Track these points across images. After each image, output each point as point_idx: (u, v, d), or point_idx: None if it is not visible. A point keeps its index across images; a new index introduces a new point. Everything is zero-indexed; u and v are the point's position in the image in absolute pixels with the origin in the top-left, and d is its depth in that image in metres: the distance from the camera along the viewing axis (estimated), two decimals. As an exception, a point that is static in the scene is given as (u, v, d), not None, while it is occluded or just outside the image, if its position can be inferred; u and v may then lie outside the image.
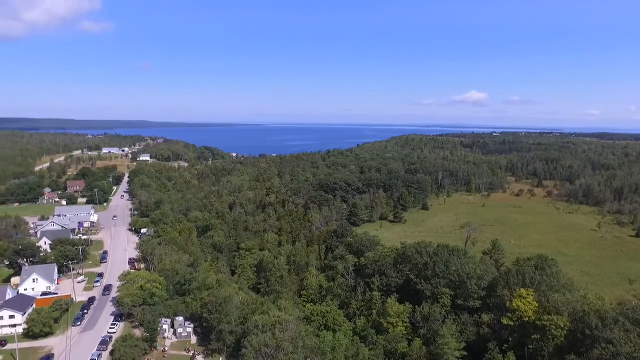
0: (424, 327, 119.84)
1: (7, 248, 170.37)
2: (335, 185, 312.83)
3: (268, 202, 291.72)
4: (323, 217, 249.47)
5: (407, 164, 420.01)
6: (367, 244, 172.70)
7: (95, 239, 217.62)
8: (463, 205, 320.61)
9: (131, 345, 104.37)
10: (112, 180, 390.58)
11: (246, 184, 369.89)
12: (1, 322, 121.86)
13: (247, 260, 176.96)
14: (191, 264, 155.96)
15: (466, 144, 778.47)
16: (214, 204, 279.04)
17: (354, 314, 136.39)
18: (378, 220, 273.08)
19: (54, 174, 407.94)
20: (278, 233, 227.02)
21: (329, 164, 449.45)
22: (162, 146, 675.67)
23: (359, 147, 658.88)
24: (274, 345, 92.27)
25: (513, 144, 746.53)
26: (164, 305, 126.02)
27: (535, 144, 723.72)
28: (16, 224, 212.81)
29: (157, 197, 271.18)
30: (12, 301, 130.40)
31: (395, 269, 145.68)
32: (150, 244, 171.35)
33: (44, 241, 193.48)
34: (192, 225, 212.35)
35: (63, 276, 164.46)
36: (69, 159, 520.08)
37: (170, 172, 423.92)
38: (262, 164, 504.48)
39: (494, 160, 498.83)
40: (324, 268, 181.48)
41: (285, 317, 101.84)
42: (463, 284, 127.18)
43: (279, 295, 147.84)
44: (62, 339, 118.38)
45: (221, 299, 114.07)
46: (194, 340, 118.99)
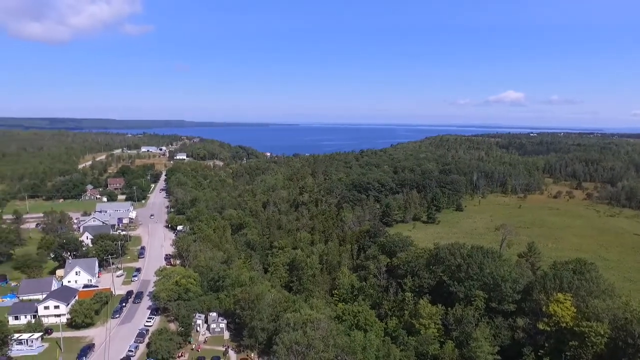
0: (457, 329, 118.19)
1: (53, 242, 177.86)
2: (369, 185, 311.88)
3: (301, 201, 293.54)
4: (356, 217, 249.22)
5: (442, 165, 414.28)
6: (399, 245, 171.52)
7: (134, 235, 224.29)
8: (498, 207, 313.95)
9: (166, 339, 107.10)
10: (150, 178, 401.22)
11: (280, 183, 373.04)
12: (47, 311, 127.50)
13: (279, 258, 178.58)
14: (225, 261, 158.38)
15: (502, 144, 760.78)
16: (248, 202, 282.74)
17: (385, 314, 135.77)
18: (411, 221, 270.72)
19: (96, 171, 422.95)
20: (311, 232, 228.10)
21: (362, 164, 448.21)
22: (198, 145, 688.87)
23: (392, 148, 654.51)
24: (305, 344, 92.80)
25: (551, 144, 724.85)
26: (198, 301, 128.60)
27: (575, 144, 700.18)
28: (61, 219, 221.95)
29: (193, 195, 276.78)
30: (57, 292, 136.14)
31: (428, 270, 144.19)
32: (185, 240, 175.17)
33: (86, 236, 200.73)
34: (226, 223, 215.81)
35: (103, 270, 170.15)
36: (110, 158, 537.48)
37: (205, 170, 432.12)
38: (295, 163, 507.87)
39: (531, 162, 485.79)
40: (356, 268, 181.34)
41: (316, 316, 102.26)
42: (497, 287, 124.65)
43: (310, 294, 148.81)
44: (102, 330, 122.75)
45: (254, 296, 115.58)
46: (227, 336, 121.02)
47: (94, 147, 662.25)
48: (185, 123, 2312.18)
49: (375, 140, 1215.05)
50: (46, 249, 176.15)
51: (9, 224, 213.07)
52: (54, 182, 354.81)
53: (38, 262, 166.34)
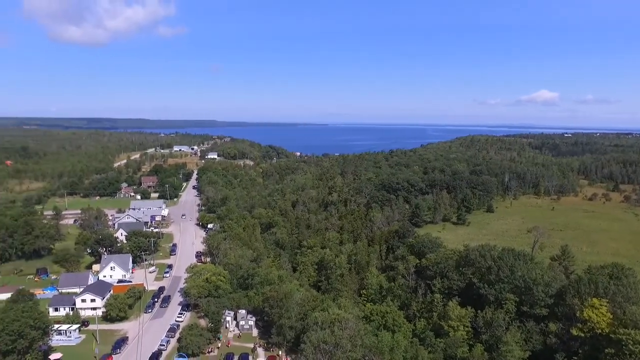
0: (487, 333, 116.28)
1: (89, 237, 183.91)
2: (398, 185, 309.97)
3: (330, 201, 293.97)
4: (385, 217, 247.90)
5: (472, 165, 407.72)
6: (429, 246, 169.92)
7: (166, 232, 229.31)
8: (530, 209, 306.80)
9: (197, 335, 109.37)
10: (182, 177, 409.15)
11: (309, 182, 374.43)
12: (84, 304, 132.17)
13: (308, 257, 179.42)
14: (254, 260, 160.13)
15: (535, 145, 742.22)
16: (277, 201, 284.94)
17: (414, 315, 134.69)
18: (441, 222, 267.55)
19: (130, 170, 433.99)
20: (339, 232, 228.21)
21: (391, 164, 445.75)
22: (229, 145, 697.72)
23: (422, 148, 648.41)
24: (332, 343, 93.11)
25: (586, 145, 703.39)
26: (228, 298, 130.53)
27: (611, 145, 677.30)
28: (97, 215, 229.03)
29: (224, 193, 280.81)
30: (93, 286, 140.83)
31: (458, 272, 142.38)
32: (216, 238, 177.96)
33: (120, 232, 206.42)
34: (256, 222, 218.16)
35: (136, 266, 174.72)
36: (144, 157, 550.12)
37: (236, 170, 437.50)
38: (325, 163, 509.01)
39: (565, 163, 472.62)
40: (385, 268, 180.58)
41: (344, 316, 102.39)
42: (529, 291, 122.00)
43: (339, 294, 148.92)
44: (135, 324, 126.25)
45: (282, 294, 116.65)
46: (255, 334, 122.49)
47: (128, 147, 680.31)
48: (216, 123, 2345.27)
49: (405, 140, 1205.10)
50: (83, 244, 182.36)
51: (50, 220, 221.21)
52: (91, 180, 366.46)
53: (76, 257, 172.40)
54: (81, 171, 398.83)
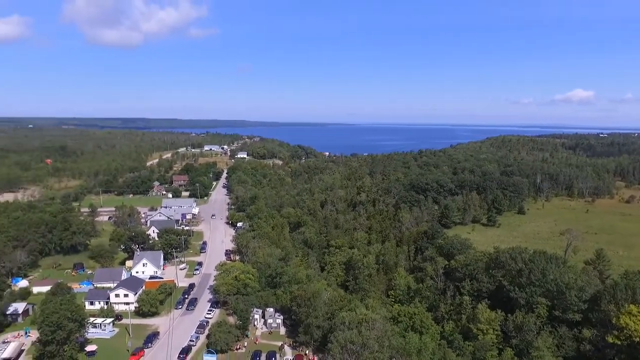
0: (517, 337, 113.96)
1: (123, 234, 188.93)
2: (427, 185, 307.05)
3: (359, 200, 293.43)
4: (413, 218, 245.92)
5: (503, 166, 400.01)
6: (458, 247, 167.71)
7: (196, 230, 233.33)
8: (564, 211, 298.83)
9: (225, 331, 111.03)
10: (212, 176, 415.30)
11: (338, 182, 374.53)
12: (118, 299, 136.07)
13: (336, 257, 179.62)
14: (283, 258, 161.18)
15: (569, 145, 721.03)
16: (306, 201, 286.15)
17: (442, 317, 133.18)
18: (470, 223, 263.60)
19: (162, 169, 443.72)
20: (368, 232, 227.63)
21: (420, 164, 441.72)
22: (259, 144, 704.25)
23: (452, 148, 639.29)
24: (359, 343, 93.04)
25: (624, 145, 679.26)
26: (256, 296, 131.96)
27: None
28: (130, 213, 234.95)
29: (253, 193, 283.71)
30: (126, 282, 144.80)
31: (487, 274, 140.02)
32: (245, 237, 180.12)
33: (152, 230, 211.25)
34: (284, 221, 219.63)
35: (168, 263, 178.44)
36: (175, 156, 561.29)
37: (265, 169, 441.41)
38: (353, 163, 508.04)
39: (601, 164, 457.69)
40: (413, 269, 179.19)
41: (372, 316, 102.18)
42: (562, 295, 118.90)
43: (366, 294, 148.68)
44: (166, 319, 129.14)
45: (310, 293, 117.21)
46: (283, 332, 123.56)
47: (160, 146, 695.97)
48: (246, 123, 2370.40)
49: (434, 140, 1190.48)
50: (117, 240, 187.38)
51: (86, 217, 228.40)
52: (125, 178, 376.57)
53: (110, 253, 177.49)
54: (115, 170, 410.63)
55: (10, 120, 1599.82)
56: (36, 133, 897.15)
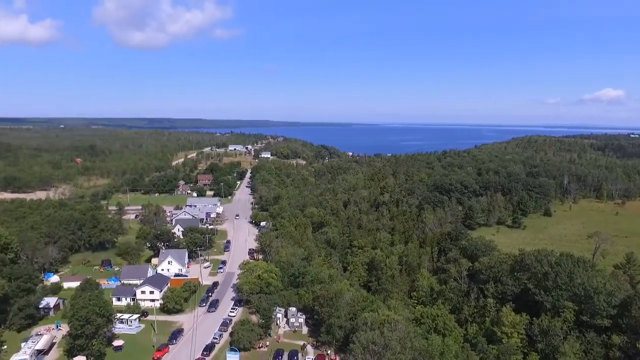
0: (543, 341, 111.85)
1: (149, 232, 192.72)
2: (451, 186, 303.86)
3: (382, 201, 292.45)
4: (437, 219, 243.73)
5: (529, 167, 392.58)
6: (482, 249, 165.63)
7: (220, 229, 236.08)
8: (592, 213, 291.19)
9: (248, 330, 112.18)
10: (236, 175, 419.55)
11: (361, 182, 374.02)
12: (144, 296, 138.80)
13: (359, 257, 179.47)
14: (305, 258, 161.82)
15: (598, 146, 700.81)
16: (329, 201, 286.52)
17: (465, 320, 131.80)
18: (495, 225, 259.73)
19: (187, 168, 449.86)
20: (391, 232, 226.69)
21: (444, 165, 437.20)
22: (282, 144, 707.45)
23: (476, 149, 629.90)
24: (382, 344, 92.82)
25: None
26: (279, 295, 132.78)
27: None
28: (156, 211, 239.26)
29: (276, 192, 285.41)
30: (152, 279, 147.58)
31: (512, 277, 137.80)
32: (268, 236, 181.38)
33: (177, 228, 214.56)
34: (307, 221, 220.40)
35: (192, 261, 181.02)
36: (200, 155, 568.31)
37: (289, 169, 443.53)
38: (377, 163, 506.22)
39: (632, 165, 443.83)
40: (436, 270, 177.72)
41: (394, 317, 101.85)
42: (589, 299, 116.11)
43: (389, 295, 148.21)
44: (190, 317, 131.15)
45: (332, 293, 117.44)
46: (305, 331, 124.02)
47: (185, 146, 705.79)
48: (270, 123, 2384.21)
49: (459, 140, 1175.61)
50: (143, 238, 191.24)
51: (114, 215, 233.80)
52: (151, 177, 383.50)
53: (136, 250, 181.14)
54: (142, 169, 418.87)
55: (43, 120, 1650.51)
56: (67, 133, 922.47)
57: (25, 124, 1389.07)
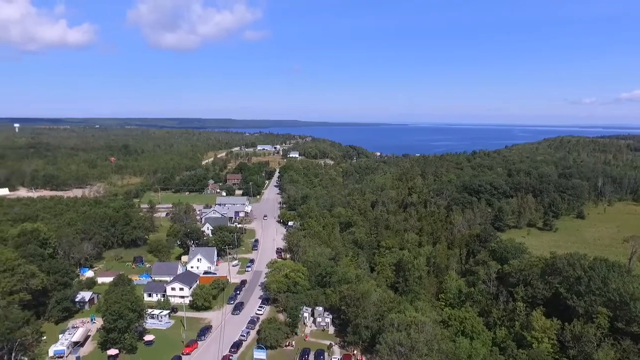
0: (575, 348, 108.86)
1: (179, 230, 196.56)
2: (480, 187, 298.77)
3: (410, 202, 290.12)
4: (466, 220, 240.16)
5: (561, 168, 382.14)
6: (512, 251, 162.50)
7: (249, 228, 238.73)
8: (628, 217, 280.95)
9: (275, 328, 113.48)
10: (264, 175, 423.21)
11: (389, 183, 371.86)
12: (174, 292, 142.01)
13: (386, 258, 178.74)
14: (333, 258, 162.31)
15: (635, 147, 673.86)
16: (357, 201, 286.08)
17: (494, 323, 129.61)
18: (525, 227, 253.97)
19: (217, 167, 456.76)
20: (419, 233, 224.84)
21: (474, 166, 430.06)
22: (310, 144, 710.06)
23: (507, 149, 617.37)
24: (408, 345, 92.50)
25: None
26: (306, 295, 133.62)
27: None
28: (186, 210, 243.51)
29: (304, 192, 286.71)
30: (182, 276, 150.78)
31: (543, 281, 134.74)
32: (296, 236, 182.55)
33: (207, 227, 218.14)
34: (335, 221, 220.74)
35: (221, 259, 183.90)
36: (229, 155, 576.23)
37: (316, 169, 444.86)
38: (405, 163, 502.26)
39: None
40: (465, 272, 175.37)
41: (421, 319, 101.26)
42: (625, 306, 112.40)
43: (416, 296, 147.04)
44: (218, 314, 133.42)
45: (359, 294, 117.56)
46: (332, 331, 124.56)
47: (215, 145, 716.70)
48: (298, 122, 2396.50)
49: (489, 141, 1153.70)
50: (174, 236, 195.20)
51: (145, 213, 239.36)
52: (181, 176, 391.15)
53: (167, 248, 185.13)
54: (173, 168, 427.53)
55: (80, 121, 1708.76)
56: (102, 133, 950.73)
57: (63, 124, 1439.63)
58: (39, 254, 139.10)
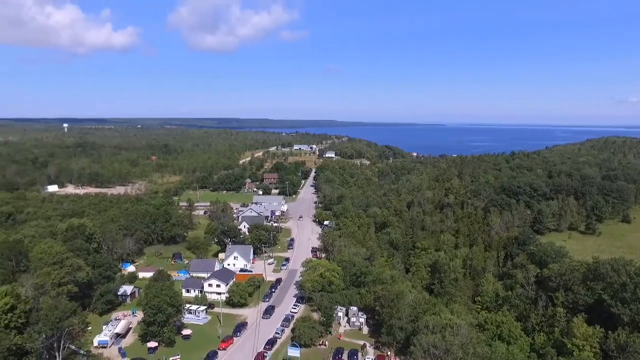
0: (620, 357, 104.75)
1: (217, 228, 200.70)
2: (519, 189, 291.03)
3: (446, 202, 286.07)
4: (504, 222, 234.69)
5: (605, 170, 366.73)
6: (552, 255, 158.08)
7: (284, 227, 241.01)
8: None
9: (309, 327, 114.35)
10: (300, 174, 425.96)
11: (425, 183, 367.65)
12: (210, 289, 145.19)
13: (422, 259, 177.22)
14: (368, 258, 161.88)
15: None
16: (392, 201, 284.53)
17: (532, 329, 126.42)
18: (566, 231, 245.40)
19: (254, 167, 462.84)
20: (455, 235, 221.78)
21: (512, 167, 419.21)
22: (346, 144, 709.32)
23: (547, 150, 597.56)
24: (443, 348, 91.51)
25: None
26: (340, 294, 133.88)
27: None
28: (224, 208, 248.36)
29: (340, 192, 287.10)
30: (219, 273, 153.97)
31: (585, 286, 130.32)
32: (331, 235, 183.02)
33: (243, 225, 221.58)
34: (370, 221, 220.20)
35: (257, 257, 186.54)
36: (266, 154, 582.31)
37: (352, 169, 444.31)
38: (442, 164, 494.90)
39: None
40: (502, 276, 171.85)
41: (457, 321, 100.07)
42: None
43: (452, 299, 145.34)
44: (253, 311, 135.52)
45: (394, 294, 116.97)
46: (366, 331, 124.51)
47: (252, 145, 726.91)
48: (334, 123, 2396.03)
49: (528, 141, 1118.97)
50: (211, 234, 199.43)
51: (184, 210, 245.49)
52: (219, 175, 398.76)
53: (205, 245, 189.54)
54: (211, 167, 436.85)
55: (123, 121, 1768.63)
56: (144, 132, 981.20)
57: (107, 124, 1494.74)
58: (85, 248, 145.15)
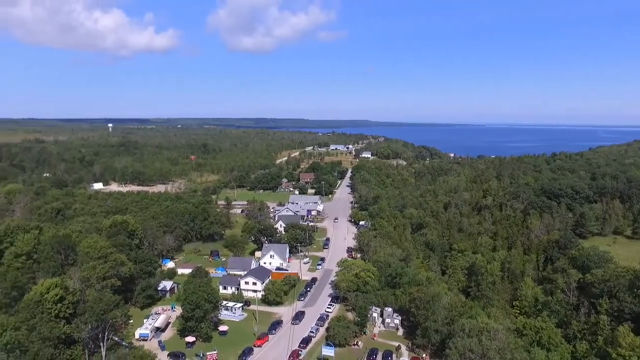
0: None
1: (254, 227, 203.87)
2: (560, 191, 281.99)
3: (484, 204, 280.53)
4: (544, 225, 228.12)
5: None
6: (595, 260, 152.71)
7: (320, 227, 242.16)
8: None
9: (344, 326, 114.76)
10: (336, 174, 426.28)
11: (462, 184, 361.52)
12: (247, 286, 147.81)
13: (458, 261, 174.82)
14: (403, 259, 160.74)
15: None
16: (429, 202, 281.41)
17: (574, 336, 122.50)
18: (611, 235, 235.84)
19: (290, 166, 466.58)
20: (493, 237, 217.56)
21: (553, 168, 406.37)
22: (383, 145, 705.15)
23: (591, 151, 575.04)
24: (479, 352, 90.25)
25: None
26: (375, 295, 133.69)
27: None
28: (261, 207, 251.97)
29: (376, 192, 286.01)
30: (255, 271, 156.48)
31: (632, 294, 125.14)
32: (367, 235, 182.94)
33: (280, 224, 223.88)
34: (406, 222, 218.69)
35: (292, 256, 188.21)
36: (302, 154, 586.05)
37: (389, 169, 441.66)
38: (480, 165, 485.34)
39: None
40: (541, 280, 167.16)
41: (494, 325, 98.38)
42: None
43: (489, 302, 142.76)
44: (288, 309, 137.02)
45: (430, 296, 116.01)
46: (401, 333, 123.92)
47: (289, 145, 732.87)
48: (370, 123, 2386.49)
49: (570, 142, 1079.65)
50: (248, 232, 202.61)
51: (222, 209, 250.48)
52: (256, 174, 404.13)
53: (242, 243, 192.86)
54: (248, 166, 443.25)
55: (164, 121, 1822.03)
56: (183, 132, 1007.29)
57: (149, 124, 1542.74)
58: (127, 244, 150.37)
